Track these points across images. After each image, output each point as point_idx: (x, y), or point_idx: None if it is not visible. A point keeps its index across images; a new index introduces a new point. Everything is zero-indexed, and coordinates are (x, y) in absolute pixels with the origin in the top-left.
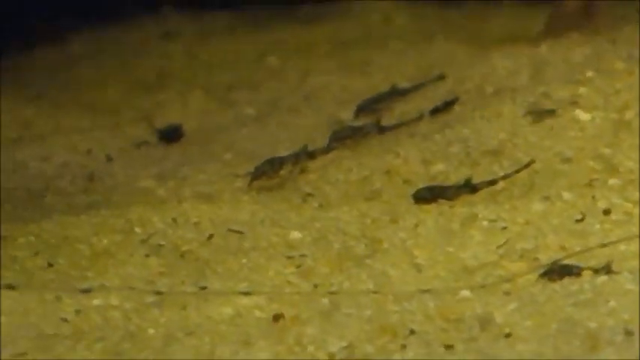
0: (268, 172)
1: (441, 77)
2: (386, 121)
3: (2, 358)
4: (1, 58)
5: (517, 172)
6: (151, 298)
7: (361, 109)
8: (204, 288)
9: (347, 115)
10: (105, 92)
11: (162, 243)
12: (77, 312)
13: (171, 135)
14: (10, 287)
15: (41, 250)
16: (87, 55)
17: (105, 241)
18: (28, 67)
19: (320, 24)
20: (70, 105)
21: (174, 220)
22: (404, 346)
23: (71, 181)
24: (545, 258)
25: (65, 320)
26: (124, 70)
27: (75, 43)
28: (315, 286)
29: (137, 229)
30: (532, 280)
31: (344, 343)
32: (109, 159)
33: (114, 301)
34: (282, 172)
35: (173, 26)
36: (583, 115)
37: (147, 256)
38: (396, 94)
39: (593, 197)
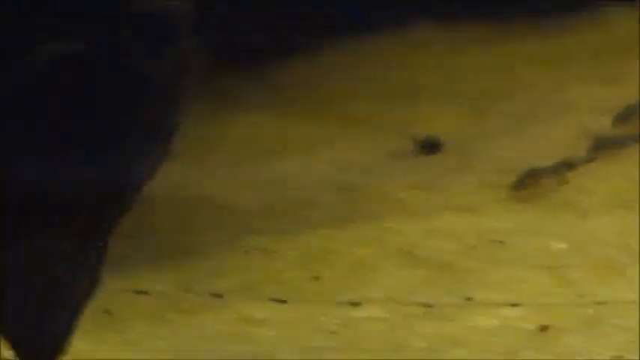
0: (529, 183)
1: None
2: None
3: None
4: (262, 71)
5: None
6: (415, 310)
7: (619, 119)
8: (469, 299)
9: (604, 125)
10: (358, 103)
11: (424, 254)
12: (343, 324)
13: (430, 146)
14: (278, 301)
15: (306, 263)
16: (340, 66)
17: (366, 253)
18: (284, 78)
19: (570, 33)
20: (325, 116)
21: (434, 230)
22: None
23: (330, 192)
24: None
25: (332, 332)
26: (377, 80)
27: (328, 54)
28: (579, 296)
29: (397, 240)
30: None
31: (612, 353)
32: (366, 170)
33: (379, 313)
34: (542, 183)
35: (424, 37)
36: None
37: (409, 267)
38: None
39: None
